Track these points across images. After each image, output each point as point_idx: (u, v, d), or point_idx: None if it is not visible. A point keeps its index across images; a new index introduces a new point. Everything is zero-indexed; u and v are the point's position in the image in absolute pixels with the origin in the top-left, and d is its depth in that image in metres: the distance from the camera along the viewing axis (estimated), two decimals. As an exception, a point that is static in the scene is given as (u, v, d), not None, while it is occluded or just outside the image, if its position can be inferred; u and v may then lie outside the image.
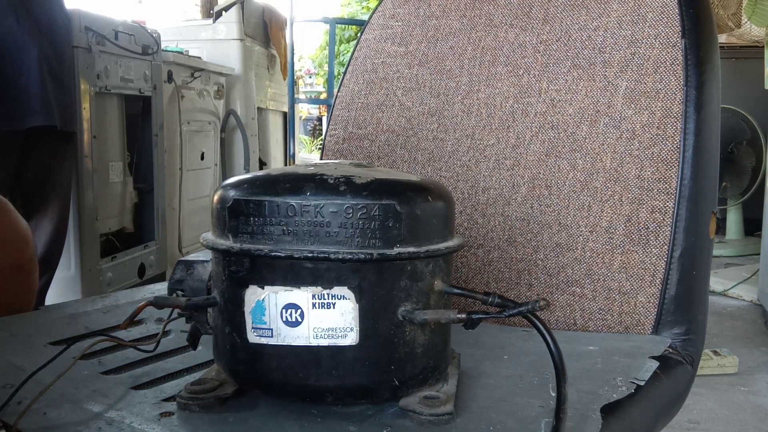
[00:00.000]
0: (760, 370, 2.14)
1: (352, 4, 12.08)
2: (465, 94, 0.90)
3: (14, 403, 0.51)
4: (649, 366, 0.62)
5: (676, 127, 0.75)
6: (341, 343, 0.47)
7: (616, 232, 0.76)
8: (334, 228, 0.47)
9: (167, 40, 3.09)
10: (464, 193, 0.86)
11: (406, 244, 0.48)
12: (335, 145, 0.98)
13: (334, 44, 4.28)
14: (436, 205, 0.51)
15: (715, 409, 1.85)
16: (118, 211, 2.36)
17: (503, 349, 0.67)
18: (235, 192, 0.49)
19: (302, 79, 11.50)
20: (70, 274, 2.10)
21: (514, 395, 0.55)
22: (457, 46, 0.92)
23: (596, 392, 0.55)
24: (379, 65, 0.98)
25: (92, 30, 2.09)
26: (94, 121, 2.12)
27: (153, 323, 0.74)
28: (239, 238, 0.49)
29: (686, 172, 0.74)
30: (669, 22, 0.78)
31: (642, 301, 0.74)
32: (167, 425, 0.48)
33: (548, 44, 0.85)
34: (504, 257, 0.82)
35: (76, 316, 0.76)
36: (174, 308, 0.52)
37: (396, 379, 0.49)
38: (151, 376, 0.58)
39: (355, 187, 0.47)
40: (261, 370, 0.49)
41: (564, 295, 0.78)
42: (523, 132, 0.84)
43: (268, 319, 0.48)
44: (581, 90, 0.81)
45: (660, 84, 0.77)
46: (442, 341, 0.52)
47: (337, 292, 0.47)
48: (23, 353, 0.63)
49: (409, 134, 0.93)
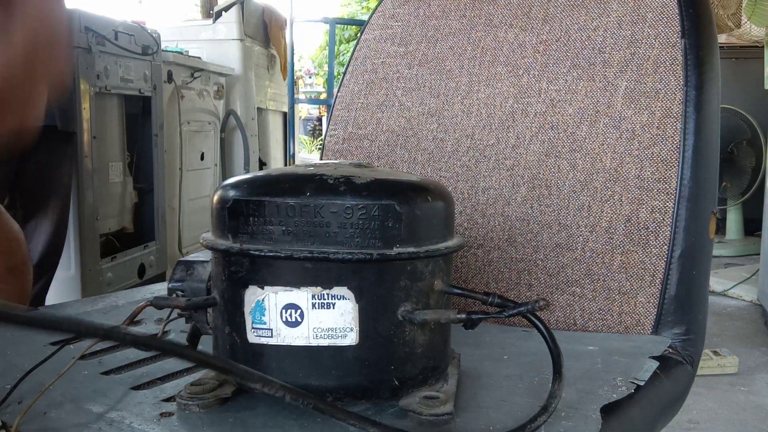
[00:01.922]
0: (760, 370, 2.14)
1: (352, 4, 12.09)
2: (465, 94, 0.90)
3: (14, 403, 0.51)
4: (649, 366, 0.62)
5: (675, 127, 0.75)
6: (341, 343, 0.47)
7: (616, 232, 0.76)
8: (334, 228, 0.47)
9: (167, 41, 3.09)
10: (464, 193, 0.86)
11: (405, 244, 0.48)
12: (335, 145, 0.98)
13: (334, 44, 4.29)
14: (436, 205, 0.51)
15: (715, 409, 1.85)
16: (118, 211, 2.36)
17: (503, 349, 0.67)
18: (235, 192, 0.49)
19: (302, 79, 11.51)
20: (70, 274, 2.10)
21: (514, 395, 0.55)
22: (457, 47, 0.92)
23: (596, 392, 0.55)
24: (379, 65, 0.98)
25: (92, 30, 2.09)
26: (94, 121, 2.12)
27: (153, 323, 0.74)
28: (239, 239, 0.49)
29: (686, 172, 0.74)
30: (669, 22, 0.78)
31: (642, 301, 0.74)
32: (167, 425, 0.48)
33: (548, 44, 0.85)
34: (504, 257, 0.82)
35: (76, 316, 0.76)
36: (174, 308, 0.52)
37: (396, 379, 0.49)
38: (151, 376, 0.58)
39: (354, 187, 0.47)
40: (261, 370, 0.49)
41: (564, 295, 0.78)
42: (523, 132, 0.84)
43: (268, 319, 0.48)
44: (581, 90, 0.81)
45: (660, 84, 0.77)
46: (442, 341, 0.52)
47: (337, 292, 0.47)
48: (23, 353, 0.63)
49: (409, 134, 0.93)
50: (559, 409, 0.49)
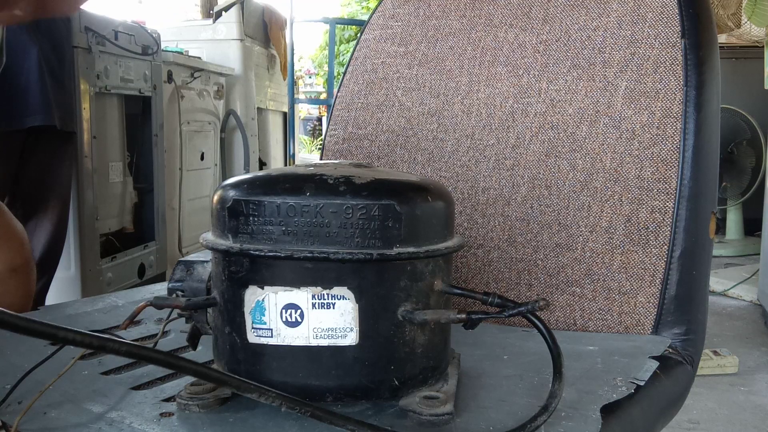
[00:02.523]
0: (760, 370, 2.14)
1: (352, 4, 12.09)
2: (465, 94, 0.90)
3: (14, 403, 0.51)
4: (649, 366, 0.62)
5: (675, 127, 0.75)
6: (341, 343, 0.47)
7: (616, 232, 0.76)
8: (334, 228, 0.47)
9: (167, 41, 3.09)
10: (464, 193, 0.86)
11: (405, 244, 0.48)
12: (335, 145, 0.98)
13: (334, 44, 4.28)
14: (436, 205, 0.51)
15: (715, 409, 1.85)
16: (118, 211, 2.36)
17: (503, 349, 0.67)
18: (235, 192, 0.49)
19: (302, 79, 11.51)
20: (70, 274, 2.10)
21: (514, 395, 0.55)
22: (457, 47, 0.92)
23: (596, 392, 0.55)
24: (379, 65, 0.98)
25: (92, 30, 2.08)
26: (94, 121, 2.12)
27: (153, 323, 0.74)
28: (239, 239, 0.49)
29: (686, 172, 0.74)
30: (669, 22, 0.78)
31: (642, 301, 0.74)
32: (167, 425, 0.48)
33: (548, 44, 0.85)
34: (504, 257, 0.82)
35: (76, 316, 0.76)
36: (174, 308, 0.52)
37: (396, 379, 0.49)
38: (151, 376, 0.58)
39: (354, 187, 0.47)
40: (261, 370, 0.49)
41: (564, 295, 0.78)
42: (523, 132, 0.84)
43: (268, 319, 0.48)
44: (581, 90, 0.81)
45: (660, 84, 0.77)
46: (442, 341, 0.52)
47: (337, 292, 0.47)
48: (23, 353, 0.63)
49: (409, 134, 0.93)
50: (559, 409, 0.49)
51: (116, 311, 0.78)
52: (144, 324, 0.74)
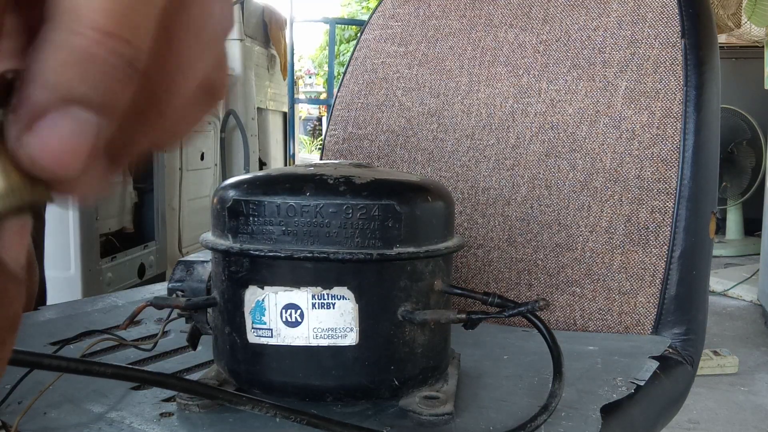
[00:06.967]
0: (760, 370, 2.14)
1: (352, 4, 12.09)
2: (465, 94, 0.90)
3: (14, 403, 0.51)
4: (649, 366, 0.62)
5: (675, 127, 0.75)
6: (341, 343, 0.47)
7: (616, 232, 0.76)
8: (334, 228, 0.47)
9: (167, 40, 3.09)
10: (464, 193, 0.86)
11: (405, 244, 0.48)
12: (335, 145, 0.98)
13: (334, 44, 4.29)
14: (436, 205, 0.51)
15: (715, 409, 1.85)
16: (118, 211, 2.36)
17: (503, 349, 0.67)
18: (235, 192, 0.49)
19: (302, 79, 11.51)
20: (70, 274, 2.09)
21: (514, 395, 0.55)
22: (457, 47, 0.92)
23: (596, 392, 0.55)
24: (379, 65, 0.98)
25: (92, 30, 2.08)
26: (94, 121, 2.11)
27: (153, 323, 0.74)
28: (239, 239, 0.49)
29: (686, 172, 0.74)
30: (669, 22, 0.78)
31: (642, 301, 0.74)
32: (167, 425, 0.48)
33: (548, 44, 0.85)
34: (504, 257, 0.82)
35: (76, 316, 0.76)
36: (174, 308, 0.52)
37: (396, 379, 0.49)
38: (151, 376, 0.58)
39: (354, 187, 0.47)
40: (261, 370, 0.49)
41: (564, 295, 0.78)
42: (523, 132, 0.84)
43: (268, 319, 0.48)
44: (581, 90, 0.81)
45: (660, 84, 0.77)
46: (442, 341, 0.52)
47: (337, 292, 0.47)
48: (23, 353, 0.63)
49: (409, 134, 0.93)
50: (559, 409, 0.49)
51: (116, 311, 0.78)
52: (144, 324, 0.74)
